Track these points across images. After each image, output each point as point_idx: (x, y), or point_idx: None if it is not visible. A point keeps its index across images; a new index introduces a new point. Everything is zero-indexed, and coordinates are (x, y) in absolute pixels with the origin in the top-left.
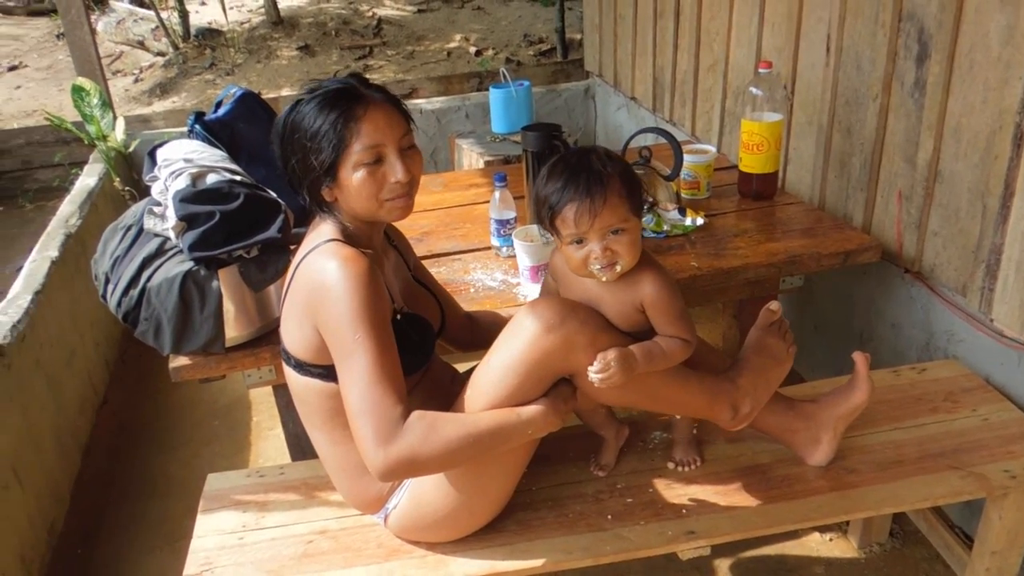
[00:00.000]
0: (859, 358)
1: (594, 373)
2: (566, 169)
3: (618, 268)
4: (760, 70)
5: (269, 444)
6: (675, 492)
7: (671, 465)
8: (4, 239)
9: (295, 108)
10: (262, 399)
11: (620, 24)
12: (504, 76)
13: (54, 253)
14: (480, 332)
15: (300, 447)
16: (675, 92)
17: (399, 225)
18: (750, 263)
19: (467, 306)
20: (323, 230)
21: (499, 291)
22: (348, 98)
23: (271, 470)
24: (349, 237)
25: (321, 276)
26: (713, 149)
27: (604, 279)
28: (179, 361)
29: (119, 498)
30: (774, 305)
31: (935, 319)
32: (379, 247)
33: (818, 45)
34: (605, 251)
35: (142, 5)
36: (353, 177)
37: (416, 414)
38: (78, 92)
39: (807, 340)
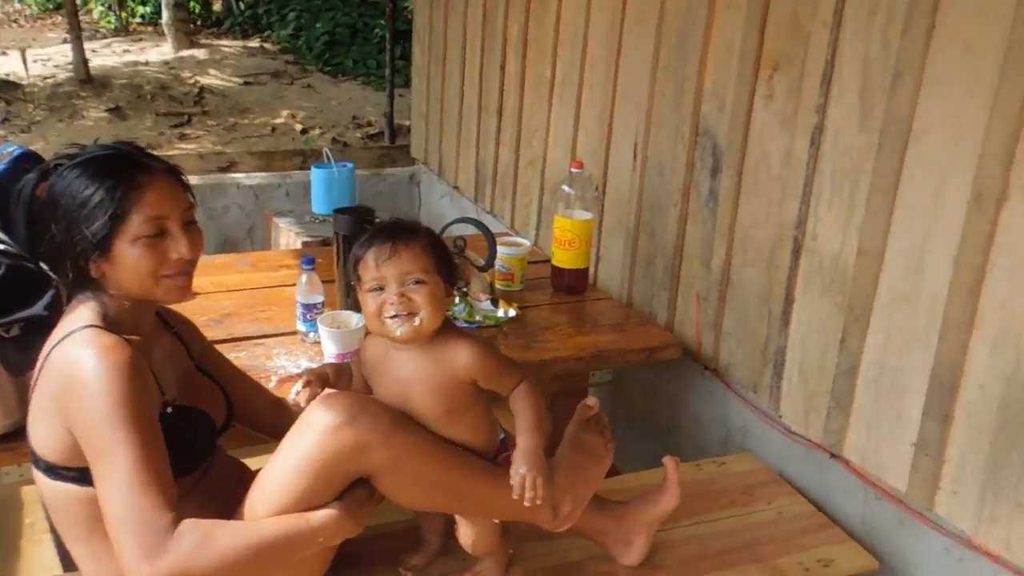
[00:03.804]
0: (669, 464)
1: (523, 498)
2: (377, 226)
3: (416, 321)
4: (572, 170)
5: (44, 548)
6: None
7: None
8: None
9: (55, 172)
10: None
11: (446, 115)
12: (327, 156)
13: None
14: (291, 418)
15: (70, 556)
16: (496, 185)
17: (190, 308)
18: (559, 356)
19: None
20: (80, 313)
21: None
22: (126, 165)
23: None
24: (111, 322)
25: (74, 367)
26: (527, 242)
27: (398, 332)
28: None
29: None
30: (591, 400)
31: (732, 414)
32: (148, 332)
33: (626, 151)
34: (401, 296)
35: None
36: (130, 251)
37: (187, 523)
38: None
39: (619, 432)
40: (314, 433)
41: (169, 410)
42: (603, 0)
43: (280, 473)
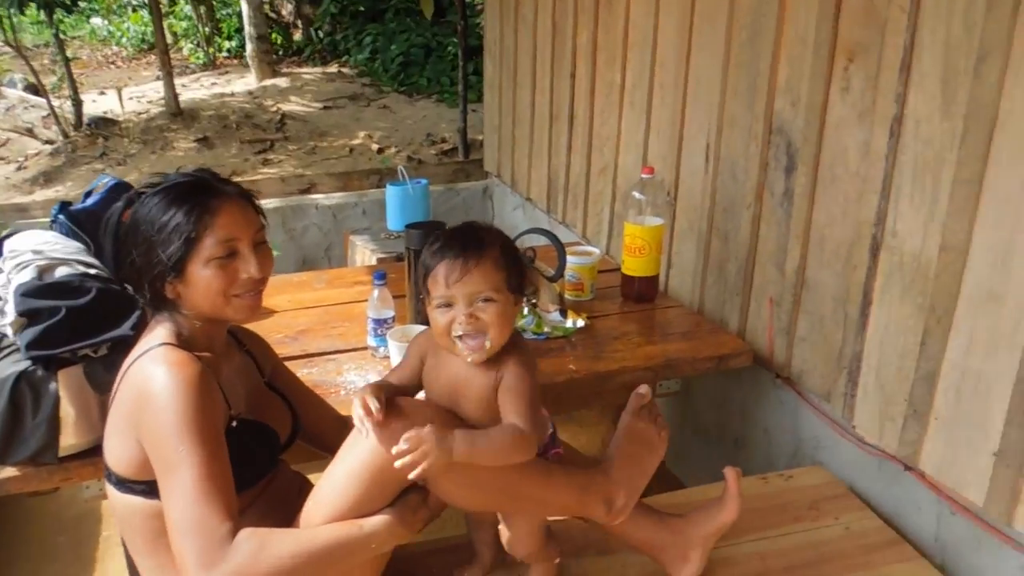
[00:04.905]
0: (730, 474)
1: (398, 453)
2: (449, 233)
3: (487, 344)
4: (643, 175)
5: (119, 563)
6: None
7: None
8: None
9: (138, 200)
10: None
11: (518, 127)
12: (401, 174)
13: None
14: None
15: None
16: (568, 194)
17: (266, 325)
18: (627, 366)
19: (336, 409)
20: (156, 333)
21: None
22: (201, 191)
23: None
24: (184, 341)
25: (146, 383)
26: (597, 251)
27: (470, 359)
28: (5, 472)
29: None
30: (643, 388)
31: (803, 425)
32: (220, 350)
33: (698, 153)
34: (470, 317)
35: (36, 93)
36: (202, 272)
37: (245, 532)
38: None
39: (686, 445)
40: (368, 440)
41: (235, 424)
42: (672, 0)
43: (335, 481)
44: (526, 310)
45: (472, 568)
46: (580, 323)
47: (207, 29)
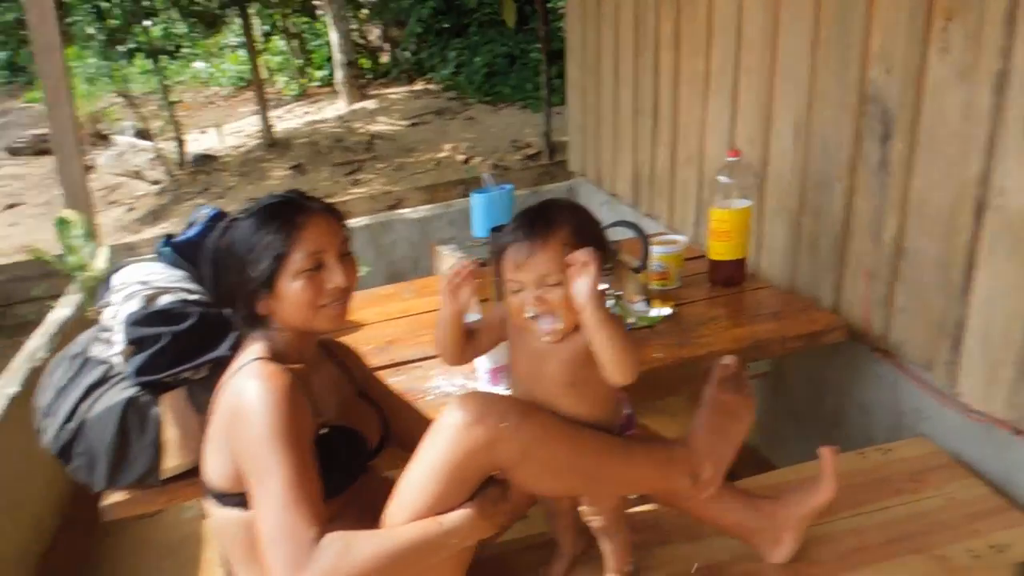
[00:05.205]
0: (825, 453)
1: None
2: (523, 213)
3: (559, 326)
4: (728, 158)
5: None
6: None
7: None
8: None
9: (231, 225)
10: None
11: (602, 124)
12: (484, 180)
13: (13, 388)
14: None
15: None
16: (654, 186)
17: (357, 337)
18: (714, 351)
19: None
20: (251, 350)
21: (457, 396)
22: (288, 209)
23: None
24: (277, 353)
25: (238, 397)
26: (683, 239)
27: (544, 338)
28: (114, 498)
29: None
30: (728, 359)
31: (903, 397)
32: (311, 361)
33: (787, 133)
34: (538, 300)
35: (144, 138)
36: (292, 285)
37: (330, 535)
38: (62, 224)
39: (778, 426)
40: (446, 434)
41: (324, 430)
42: None
43: (414, 479)
44: (611, 302)
45: (556, 564)
46: (666, 311)
47: (300, 61)
